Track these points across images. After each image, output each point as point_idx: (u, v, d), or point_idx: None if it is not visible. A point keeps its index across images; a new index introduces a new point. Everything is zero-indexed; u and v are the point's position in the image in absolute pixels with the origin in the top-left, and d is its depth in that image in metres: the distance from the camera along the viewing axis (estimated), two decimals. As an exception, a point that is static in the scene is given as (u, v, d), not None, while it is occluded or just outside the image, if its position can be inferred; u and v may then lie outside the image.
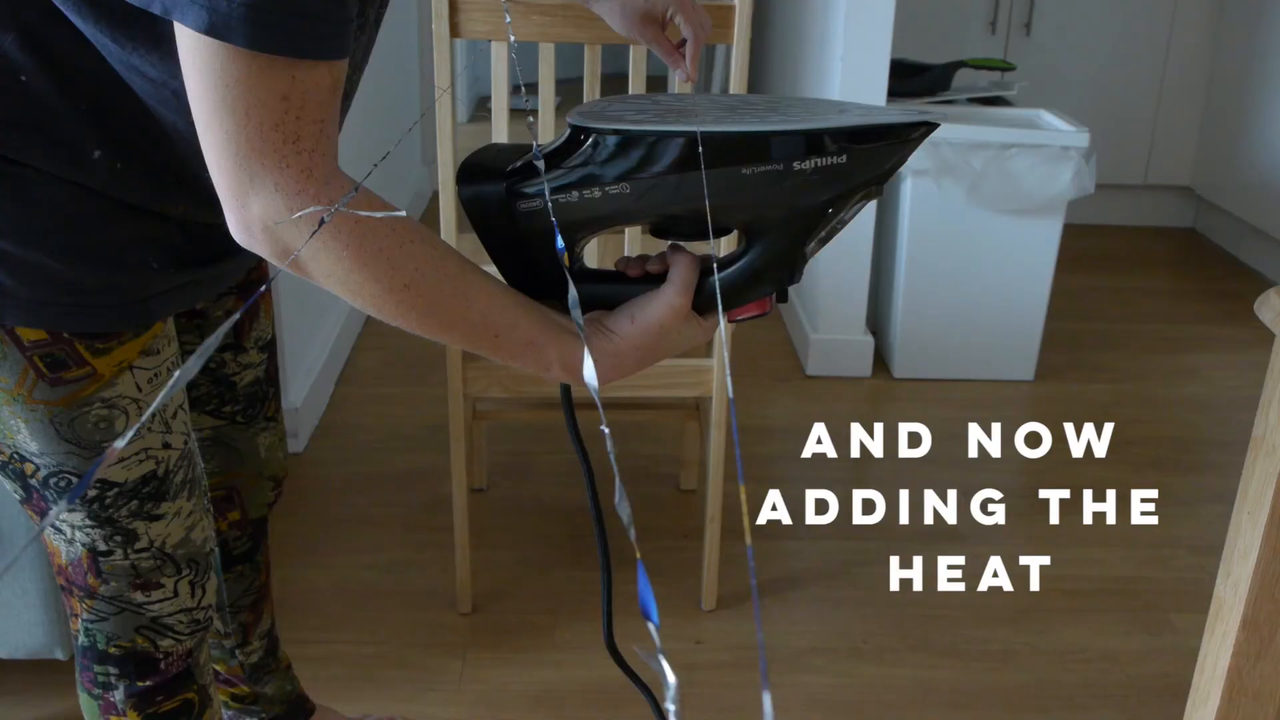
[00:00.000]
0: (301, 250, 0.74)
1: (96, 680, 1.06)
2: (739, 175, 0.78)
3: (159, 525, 1.00)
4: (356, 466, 2.28)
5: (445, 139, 1.62)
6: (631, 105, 0.88)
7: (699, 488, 2.22)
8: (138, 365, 0.93)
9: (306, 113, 0.71)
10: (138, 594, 1.02)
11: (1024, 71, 3.35)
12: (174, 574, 1.03)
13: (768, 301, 0.85)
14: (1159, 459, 2.41)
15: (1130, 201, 3.92)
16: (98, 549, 0.99)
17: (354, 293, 0.76)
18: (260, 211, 0.73)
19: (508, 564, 1.99)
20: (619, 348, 0.83)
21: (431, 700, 1.67)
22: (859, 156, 0.79)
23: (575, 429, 0.90)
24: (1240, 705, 1.05)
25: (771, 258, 0.83)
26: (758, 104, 0.87)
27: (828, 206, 0.81)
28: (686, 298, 0.84)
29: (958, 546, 2.08)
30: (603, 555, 0.89)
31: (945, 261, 2.62)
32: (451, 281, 0.78)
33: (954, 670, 1.77)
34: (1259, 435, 0.98)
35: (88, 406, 0.91)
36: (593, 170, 0.81)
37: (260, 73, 0.69)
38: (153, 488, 0.98)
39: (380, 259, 0.75)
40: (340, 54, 0.73)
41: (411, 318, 0.78)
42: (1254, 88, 3.46)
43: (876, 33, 2.47)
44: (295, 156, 0.72)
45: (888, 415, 2.60)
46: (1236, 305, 3.24)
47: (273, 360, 1.24)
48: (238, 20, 0.67)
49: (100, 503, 0.97)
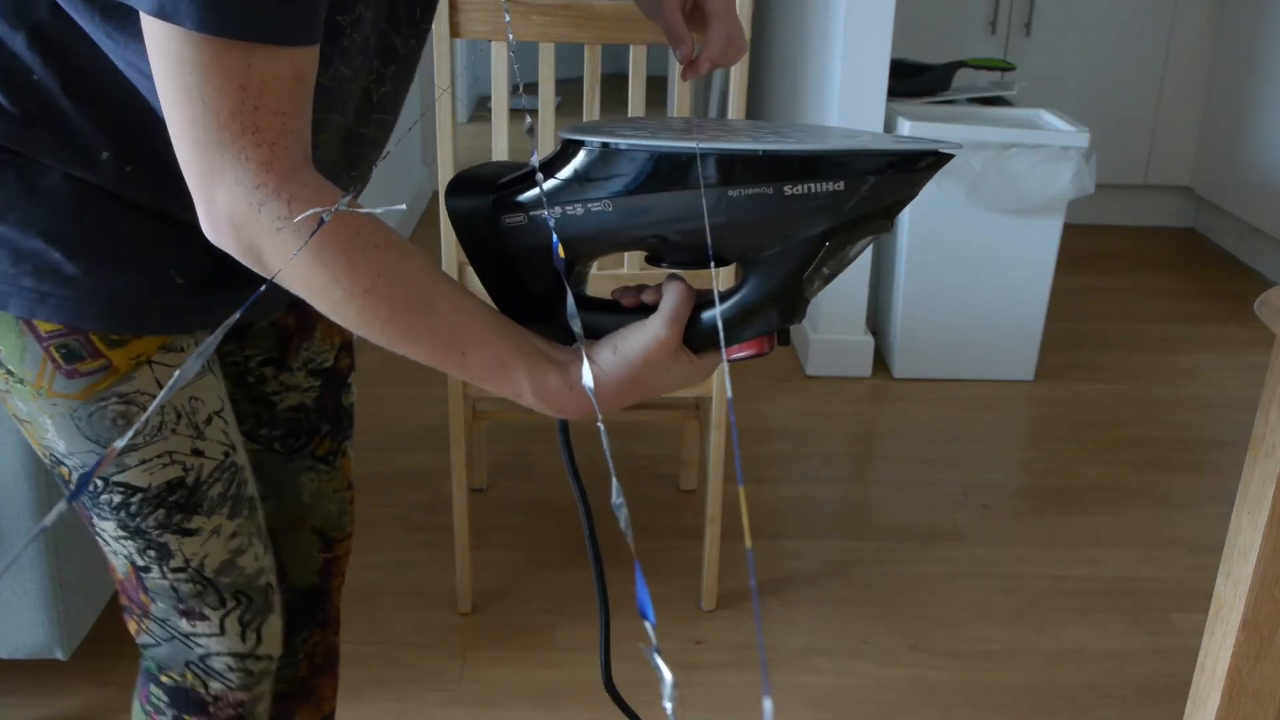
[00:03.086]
0: (267, 249, 0.72)
1: (150, 699, 1.03)
2: (725, 197, 0.73)
3: (193, 542, 0.95)
4: (357, 466, 2.28)
5: (445, 139, 1.62)
6: (630, 125, 0.84)
7: (699, 488, 2.22)
8: (158, 361, 0.90)
9: (265, 103, 0.69)
10: (184, 622, 0.98)
11: (1024, 71, 3.35)
12: (218, 606, 0.98)
13: (766, 341, 0.80)
14: (1159, 459, 2.41)
15: (1130, 201, 3.92)
16: (136, 563, 0.96)
17: (316, 295, 0.74)
18: (225, 205, 0.71)
19: (508, 564, 1.99)
20: (596, 379, 0.78)
21: (431, 700, 1.67)
22: (856, 185, 0.73)
23: (573, 464, 0.86)
24: (1240, 705, 1.05)
25: (768, 292, 0.77)
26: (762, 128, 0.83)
27: (824, 239, 0.75)
28: (674, 330, 0.78)
29: (958, 546, 2.08)
30: (600, 598, 0.86)
31: (945, 261, 2.62)
32: (416, 289, 0.75)
33: (954, 670, 1.77)
34: (1259, 435, 0.98)
35: (104, 401, 0.89)
36: (577, 185, 0.77)
37: (214, 58, 0.67)
38: (181, 497, 0.93)
39: (340, 260, 0.72)
40: (301, 40, 0.70)
41: (374, 326, 0.75)
42: (1254, 88, 3.46)
43: (876, 33, 2.47)
44: (255, 149, 0.69)
45: (888, 415, 2.60)
46: (1236, 305, 3.24)
47: (332, 394, 1.13)
48: (185, 2, 0.65)
49: (126, 510, 0.93)
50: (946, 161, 0.74)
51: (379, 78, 0.90)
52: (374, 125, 0.92)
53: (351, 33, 0.81)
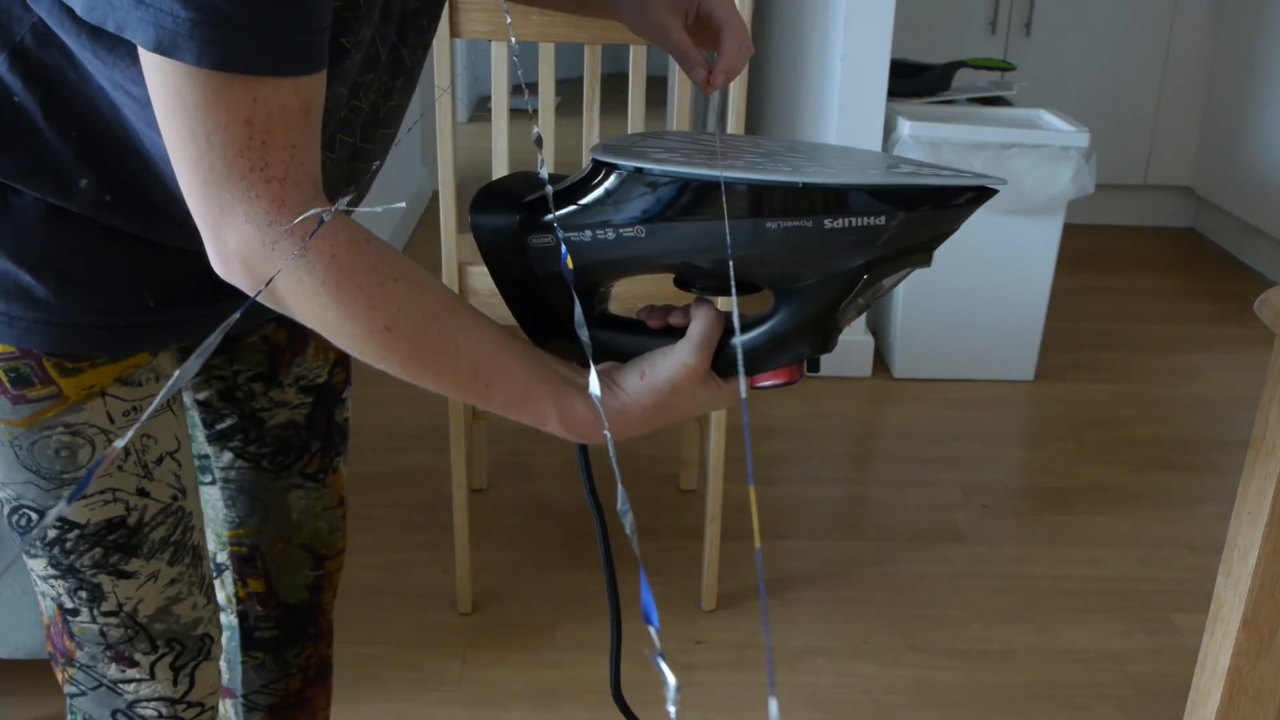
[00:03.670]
0: (280, 285, 0.69)
1: None
2: (763, 229, 0.71)
3: (128, 584, 0.90)
4: (356, 466, 2.28)
5: (445, 139, 1.62)
6: (661, 143, 0.82)
7: (699, 488, 2.22)
8: (111, 393, 0.86)
9: (274, 137, 0.67)
10: (112, 668, 0.93)
11: (1024, 71, 3.35)
12: (149, 651, 0.93)
13: (796, 370, 0.78)
14: (1159, 459, 2.41)
15: (1130, 201, 3.92)
16: (64, 605, 0.91)
17: (334, 332, 0.71)
18: (236, 243, 0.68)
19: (508, 564, 1.99)
20: (624, 405, 0.76)
21: (431, 700, 1.67)
22: (896, 219, 0.71)
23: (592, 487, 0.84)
24: (1240, 705, 1.05)
25: (800, 322, 0.75)
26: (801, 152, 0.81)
27: (862, 272, 0.73)
28: (703, 357, 0.76)
29: (958, 546, 2.08)
30: (613, 609, 0.84)
31: (945, 261, 2.60)
32: (437, 324, 0.73)
33: (954, 670, 1.77)
34: (1259, 435, 0.98)
35: (49, 430, 0.84)
36: (608, 209, 0.75)
37: (218, 94, 0.65)
38: (120, 537, 0.89)
39: (359, 297, 0.70)
40: (307, 69, 0.67)
41: (394, 362, 0.72)
42: (1254, 88, 3.46)
43: (876, 33, 2.47)
44: (264, 185, 0.67)
45: (888, 415, 2.60)
46: (1236, 305, 3.24)
47: (324, 410, 1.10)
48: (184, 36, 0.62)
49: (61, 546, 0.88)
50: (990, 196, 0.72)
51: (387, 92, 0.88)
52: (379, 140, 0.90)
53: (354, 54, 0.79)
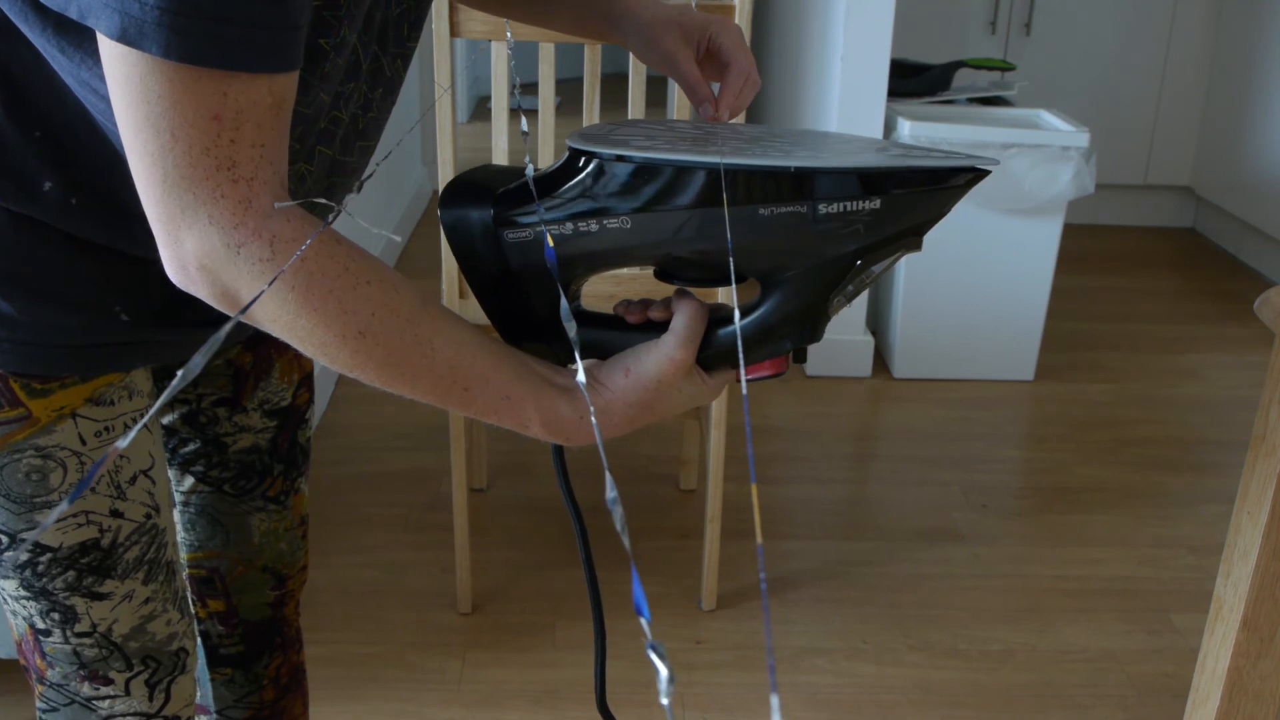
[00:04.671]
0: (245, 293, 0.65)
1: None
2: (756, 216, 0.69)
3: (102, 606, 0.88)
4: (356, 466, 2.28)
5: (445, 139, 1.62)
6: (640, 130, 0.79)
7: (699, 487, 2.22)
8: (83, 414, 0.83)
9: (242, 135, 0.63)
10: (85, 685, 0.92)
11: (1024, 71, 3.35)
12: (124, 669, 0.92)
13: (783, 361, 0.75)
14: (1159, 459, 2.41)
15: (1130, 201, 3.92)
16: (36, 625, 0.89)
17: (304, 340, 0.67)
18: (194, 247, 0.64)
19: (508, 564, 1.99)
20: (609, 403, 0.74)
21: (431, 700, 1.67)
22: (892, 202, 0.69)
23: (568, 489, 0.82)
24: (1240, 705, 1.05)
25: (790, 312, 0.73)
26: (784, 136, 0.79)
27: (856, 257, 0.70)
28: (689, 351, 0.74)
29: (958, 546, 2.08)
30: (597, 621, 0.83)
31: (945, 261, 2.62)
32: (413, 327, 0.69)
33: (954, 670, 1.77)
34: (1259, 435, 0.98)
35: (19, 454, 0.82)
36: (590, 200, 0.71)
37: (186, 88, 0.61)
38: (94, 559, 0.87)
39: (330, 302, 0.66)
40: (281, 66, 0.64)
41: (369, 370, 0.69)
42: (1254, 88, 3.46)
43: (876, 33, 2.47)
44: (231, 186, 0.63)
45: (887, 415, 2.60)
46: (1236, 305, 3.24)
47: (287, 435, 1.07)
48: (151, 25, 0.59)
49: (32, 569, 0.86)
50: (984, 177, 0.70)
51: (367, 103, 0.85)
52: (357, 153, 0.88)
53: (334, 57, 0.76)
